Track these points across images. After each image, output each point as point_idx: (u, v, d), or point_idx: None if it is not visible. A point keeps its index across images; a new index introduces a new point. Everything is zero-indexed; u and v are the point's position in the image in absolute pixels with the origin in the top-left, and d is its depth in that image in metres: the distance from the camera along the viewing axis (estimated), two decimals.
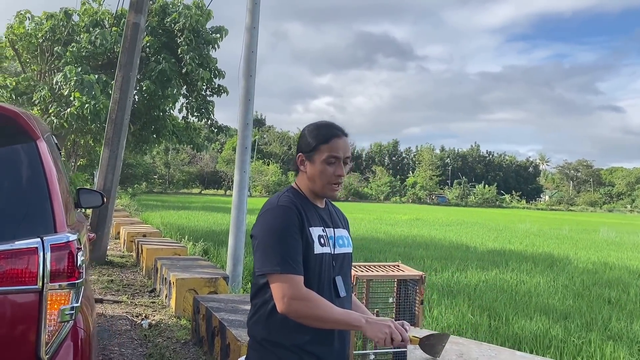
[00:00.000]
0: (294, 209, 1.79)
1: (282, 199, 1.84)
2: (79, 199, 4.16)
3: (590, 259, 13.24)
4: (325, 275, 1.83)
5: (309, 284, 1.78)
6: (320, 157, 1.85)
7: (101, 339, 5.18)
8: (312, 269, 1.79)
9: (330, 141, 1.85)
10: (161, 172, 67.16)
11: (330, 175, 1.84)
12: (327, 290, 1.83)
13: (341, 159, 1.85)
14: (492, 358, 1.87)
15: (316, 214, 1.89)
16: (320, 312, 1.68)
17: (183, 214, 21.81)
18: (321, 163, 1.84)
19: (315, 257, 1.79)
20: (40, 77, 16.55)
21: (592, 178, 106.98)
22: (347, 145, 1.88)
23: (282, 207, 1.79)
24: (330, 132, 1.87)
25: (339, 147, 1.85)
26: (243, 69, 8.10)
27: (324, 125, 1.90)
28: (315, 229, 1.84)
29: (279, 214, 1.78)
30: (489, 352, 1.91)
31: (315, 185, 1.87)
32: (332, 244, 1.88)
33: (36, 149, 2.17)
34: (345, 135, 1.90)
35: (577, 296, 8.24)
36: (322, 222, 1.89)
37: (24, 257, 1.91)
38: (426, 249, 13.51)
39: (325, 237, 1.86)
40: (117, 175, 9.71)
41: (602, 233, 24.85)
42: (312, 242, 1.79)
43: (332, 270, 1.86)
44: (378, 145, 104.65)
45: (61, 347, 1.94)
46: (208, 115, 16.68)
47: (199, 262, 7.56)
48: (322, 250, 1.82)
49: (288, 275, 1.70)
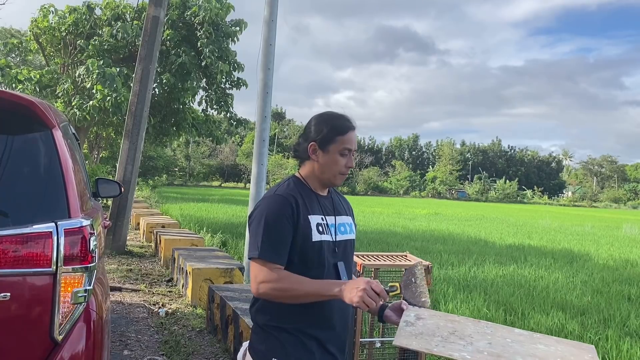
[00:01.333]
0: (288, 199, 1.83)
1: (280, 188, 1.90)
2: (97, 188, 4.24)
3: (611, 256, 13.04)
4: (327, 261, 1.87)
5: (310, 270, 1.83)
6: (336, 148, 1.90)
7: (119, 326, 5.29)
8: (311, 256, 1.84)
9: (347, 133, 1.91)
10: (182, 164, 67.84)
11: (342, 167, 1.91)
12: (329, 275, 1.87)
13: (352, 151, 1.93)
14: (487, 334, 1.83)
15: (317, 202, 1.93)
16: (290, 288, 1.73)
17: (202, 206, 22.02)
18: (336, 154, 1.90)
19: (313, 244, 1.84)
20: (63, 70, 16.83)
21: (617, 174, 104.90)
22: (355, 138, 1.97)
23: (278, 196, 1.85)
24: (347, 125, 1.93)
25: (352, 140, 1.93)
26: (261, 62, 8.13)
27: (340, 117, 1.95)
28: (314, 217, 1.88)
29: (272, 203, 1.83)
30: (485, 329, 1.87)
31: (324, 174, 1.93)
32: (333, 231, 1.92)
33: (52, 137, 2.23)
34: (355, 128, 1.98)
35: (596, 292, 8.14)
36: (322, 211, 1.93)
37: (39, 240, 1.97)
38: (444, 244, 13.44)
39: (325, 225, 1.90)
40: (136, 166, 9.85)
41: (625, 230, 24.42)
42: (310, 230, 1.84)
43: (333, 256, 1.90)
44: (398, 139, 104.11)
45: (74, 328, 2.00)
46: (227, 108, 16.80)
47: (215, 253, 7.65)
48: (321, 237, 1.86)
49: (264, 261, 1.76)
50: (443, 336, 1.78)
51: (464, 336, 1.80)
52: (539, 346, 1.79)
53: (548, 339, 1.85)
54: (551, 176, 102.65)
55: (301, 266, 1.83)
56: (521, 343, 1.80)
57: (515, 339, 1.82)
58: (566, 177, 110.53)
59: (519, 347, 1.76)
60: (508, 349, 1.74)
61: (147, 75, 9.73)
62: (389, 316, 1.96)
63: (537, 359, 1.70)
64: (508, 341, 1.80)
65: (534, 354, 1.72)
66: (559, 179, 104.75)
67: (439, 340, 1.75)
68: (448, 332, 1.82)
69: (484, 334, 1.84)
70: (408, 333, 1.78)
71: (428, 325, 1.84)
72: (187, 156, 68.13)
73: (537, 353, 1.73)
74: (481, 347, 1.74)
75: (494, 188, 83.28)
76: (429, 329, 1.82)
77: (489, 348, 1.73)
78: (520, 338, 1.84)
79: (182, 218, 15.71)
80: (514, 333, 1.88)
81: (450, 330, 1.83)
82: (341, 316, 1.90)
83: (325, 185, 1.97)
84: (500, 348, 1.74)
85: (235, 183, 73.14)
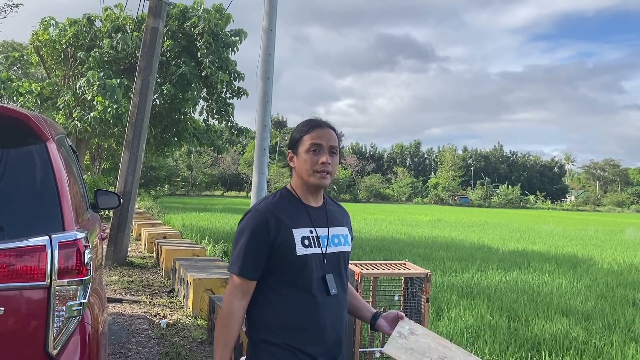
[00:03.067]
0: (265, 215, 1.81)
1: (263, 202, 1.88)
2: (96, 200, 4.24)
3: (615, 260, 12.97)
4: (314, 274, 1.83)
5: (295, 284, 1.81)
6: (303, 148, 1.87)
7: (119, 338, 5.26)
8: (295, 270, 1.81)
9: (311, 131, 1.87)
10: (184, 174, 67.91)
11: (315, 163, 1.84)
12: (317, 288, 1.83)
13: (324, 147, 1.86)
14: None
15: (305, 214, 1.89)
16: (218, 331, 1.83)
17: (204, 215, 22.01)
18: (305, 153, 1.86)
19: (297, 258, 1.81)
20: (64, 82, 16.91)
21: (620, 178, 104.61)
22: (331, 135, 1.89)
23: (256, 211, 1.84)
24: (313, 123, 1.90)
25: (320, 135, 1.86)
26: (261, 71, 8.15)
27: (307, 120, 1.94)
28: (300, 230, 1.84)
29: (249, 219, 1.84)
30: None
31: (303, 177, 1.88)
32: (324, 243, 1.88)
33: (46, 150, 2.22)
34: (330, 127, 1.92)
35: (600, 297, 8.08)
36: (312, 222, 1.88)
37: (33, 254, 1.95)
38: (447, 250, 13.39)
39: (314, 237, 1.86)
40: (137, 177, 9.85)
41: (629, 234, 24.31)
42: (293, 244, 1.81)
43: (322, 269, 1.86)
44: (399, 146, 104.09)
45: (69, 341, 1.98)
46: (228, 118, 16.84)
47: (216, 263, 7.62)
48: (307, 251, 1.83)
49: (235, 276, 1.82)
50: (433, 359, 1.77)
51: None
52: None
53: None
54: (554, 181, 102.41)
55: (287, 279, 1.82)
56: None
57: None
58: (569, 181, 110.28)
59: None
60: None
61: (147, 86, 9.75)
62: (380, 325, 1.93)
63: None
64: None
65: None
66: (561, 183, 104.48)
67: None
68: (438, 356, 1.81)
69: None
70: (399, 345, 1.76)
71: (420, 343, 1.83)
72: (189, 166, 68.21)
73: None
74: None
75: (496, 194, 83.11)
76: (420, 347, 1.80)
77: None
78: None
79: (183, 228, 15.69)
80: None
81: (441, 356, 1.82)
82: (333, 331, 1.88)
83: (312, 191, 1.91)
84: None
85: (238, 192, 73.19)
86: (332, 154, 1.87)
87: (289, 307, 1.81)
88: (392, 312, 2.00)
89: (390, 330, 1.92)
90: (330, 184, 2.05)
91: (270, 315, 1.82)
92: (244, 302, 1.84)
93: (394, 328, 1.93)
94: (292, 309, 1.81)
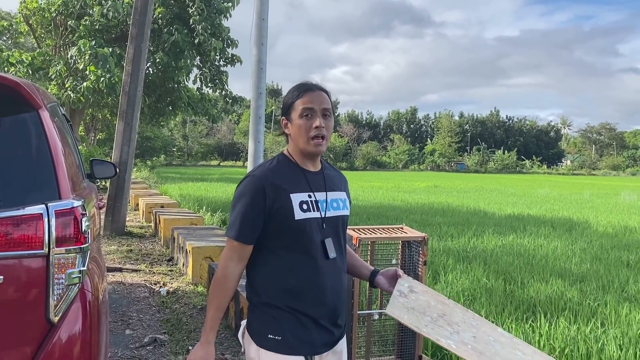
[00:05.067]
0: (262, 181, 1.81)
1: (260, 168, 1.88)
2: (92, 169, 4.22)
3: (610, 223, 13.08)
4: (314, 238, 1.84)
5: (295, 248, 1.82)
6: (296, 113, 1.84)
7: (120, 306, 5.32)
8: (294, 235, 1.82)
9: (303, 95, 1.84)
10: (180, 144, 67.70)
11: (309, 129, 1.82)
12: (316, 252, 1.84)
13: (317, 110, 1.83)
14: (472, 327, 1.87)
15: (303, 179, 1.88)
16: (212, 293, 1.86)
17: (201, 185, 22.01)
18: (298, 119, 1.83)
19: (296, 222, 1.81)
20: (55, 51, 16.63)
21: (615, 141, 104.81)
22: (323, 97, 1.85)
23: (253, 177, 1.84)
24: (303, 87, 1.87)
25: (312, 99, 1.83)
26: (254, 37, 8.00)
27: (298, 84, 1.90)
28: (298, 195, 1.83)
29: (247, 184, 1.84)
30: (471, 321, 1.90)
31: (298, 143, 1.86)
32: (323, 207, 1.88)
33: (39, 118, 2.19)
34: (321, 89, 1.88)
35: (595, 259, 8.18)
36: (310, 187, 1.88)
37: (30, 223, 1.95)
38: (443, 216, 13.47)
39: (312, 201, 1.86)
40: (132, 147, 9.80)
41: (624, 197, 24.48)
42: (292, 209, 1.80)
43: (321, 233, 1.86)
44: (396, 113, 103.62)
45: (70, 309, 2.00)
46: (222, 86, 16.64)
47: (214, 232, 7.66)
48: (305, 215, 1.82)
49: (232, 240, 1.83)
50: (433, 317, 1.82)
51: (452, 323, 1.84)
52: (518, 353, 1.83)
53: (527, 348, 1.90)
54: (550, 145, 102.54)
55: (287, 244, 1.83)
56: (502, 345, 1.85)
57: (497, 339, 1.87)
58: (565, 145, 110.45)
59: (500, 349, 1.81)
60: (490, 348, 1.78)
61: (140, 55, 9.61)
62: (379, 282, 1.95)
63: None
64: (491, 339, 1.85)
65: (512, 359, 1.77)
66: (557, 148, 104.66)
67: (428, 321, 1.80)
68: (437, 314, 1.85)
69: (470, 326, 1.88)
70: (401, 305, 1.80)
71: (420, 301, 1.87)
72: (185, 136, 67.98)
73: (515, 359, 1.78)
74: (466, 339, 1.79)
75: (492, 159, 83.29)
76: (420, 305, 1.84)
77: (473, 342, 1.78)
78: (502, 339, 1.88)
79: (181, 198, 15.71)
80: (497, 332, 1.92)
81: (440, 313, 1.86)
82: (334, 294, 1.89)
83: (309, 157, 1.90)
84: (483, 345, 1.79)
85: (234, 162, 73.16)
86: (325, 117, 1.84)
87: (289, 271, 1.82)
88: (391, 269, 2.02)
89: (389, 287, 1.94)
90: (327, 151, 2.03)
91: (272, 279, 1.83)
92: (239, 266, 1.85)
93: (392, 285, 1.95)
94: (293, 272, 1.82)
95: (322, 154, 1.89)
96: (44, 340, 1.95)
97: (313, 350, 1.85)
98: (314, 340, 1.85)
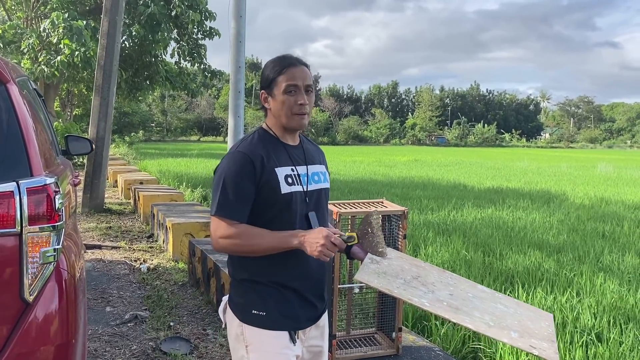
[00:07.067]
0: (249, 156, 1.77)
1: (243, 144, 1.83)
2: (67, 146, 4.13)
3: (587, 195, 13.33)
4: (298, 212, 1.83)
5: (279, 222, 1.80)
6: (279, 89, 1.81)
7: (100, 283, 5.28)
8: (280, 209, 1.80)
9: (286, 71, 1.81)
10: (158, 119, 66.74)
11: (292, 105, 1.80)
12: (301, 226, 1.83)
13: (300, 87, 1.81)
14: (449, 285, 1.82)
15: (285, 153, 1.86)
16: (248, 243, 1.74)
17: (181, 161, 21.81)
18: (281, 94, 1.80)
19: (282, 196, 1.79)
20: (27, 24, 16.11)
21: (593, 114, 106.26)
22: (306, 73, 1.83)
23: (238, 153, 1.79)
24: (286, 62, 1.83)
25: (295, 76, 1.80)
26: (232, 10, 7.82)
27: (280, 57, 1.86)
28: (282, 169, 1.82)
29: (231, 160, 1.79)
30: (449, 280, 1.86)
31: (280, 119, 1.84)
32: (305, 181, 1.87)
33: (7, 92, 2.12)
34: (304, 64, 1.85)
35: (572, 231, 8.34)
36: (292, 161, 1.87)
37: (1, 201, 1.89)
38: (424, 189, 13.58)
39: (296, 175, 1.85)
40: (109, 122, 9.62)
41: (600, 169, 24.92)
42: (278, 183, 1.79)
43: (305, 206, 1.86)
44: (377, 87, 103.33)
45: (45, 287, 1.96)
46: (201, 60, 16.36)
47: (195, 208, 7.61)
48: (291, 189, 1.81)
49: (222, 217, 1.76)
50: (406, 279, 1.76)
51: (427, 283, 1.79)
52: (499, 306, 1.78)
53: (509, 301, 1.85)
54: (529, 119, 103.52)
55: (270, 218, 1.81)
56: (482, 300, 1.79)
57: (476, 295, 1.81)
58: (544, 119, 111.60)
59: (479, 303, 1.75)
60: (468, 304, 1.73)
61: (114, 27, 9.36)
62: (355, 252, 1.95)
63: (494, 317, 1.68)
64: (469, 295, 1.79)
65: (492, 313, 1.71)
66: (536, 121, 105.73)
67: (400, 283, 1.74)
68: (411, 276, 1.80)
69: (446, 285, 1.83)
70: (371, 270, 1.76)
71: (393, 265, 1.82)
72: (164, 111, 67.02)
73: (495, 312, 1.72)
74: (442, 296, 1.73)
75: (472, 133, 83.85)
76: (393, 269, 1.80)
77: (449, 299, 1.72)
78: (482, 295, 1.83)
79: (160, 174, 15.55)
80: (477, 289, 1.88)
81: (414, 275, 1.81)
82: (317, 267, 1.89)
83: (290, 132, 1.88)
84: (461, 301, 1.73)
85: (214, 137, 72.46)
86: (307, 93, 1.83)
87: None
88: None
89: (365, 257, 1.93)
90: (309, 126, 2.00)
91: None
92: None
93: None
94: None
95: (304, 128, 1.87)
96: (20, 320, 1.92)
97: (297, 325, 1.85)
98: (298, 315, 1.85)
